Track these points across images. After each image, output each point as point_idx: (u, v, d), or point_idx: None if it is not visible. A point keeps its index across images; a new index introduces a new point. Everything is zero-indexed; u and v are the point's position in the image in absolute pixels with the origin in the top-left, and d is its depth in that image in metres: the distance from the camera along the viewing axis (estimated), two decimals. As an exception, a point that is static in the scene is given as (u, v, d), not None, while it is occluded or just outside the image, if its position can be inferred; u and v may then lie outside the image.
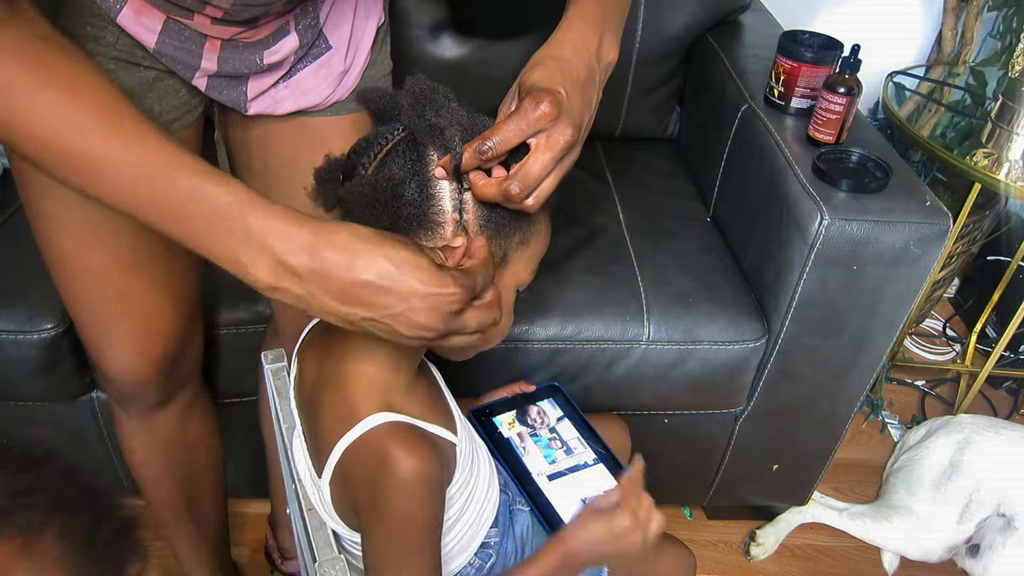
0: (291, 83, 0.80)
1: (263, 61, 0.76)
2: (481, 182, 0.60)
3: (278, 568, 1.32)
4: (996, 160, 1.34)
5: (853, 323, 1.05)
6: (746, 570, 1.40)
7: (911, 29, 1.77)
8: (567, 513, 0.86)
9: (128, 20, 0.67)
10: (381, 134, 0.62)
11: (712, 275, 1.16)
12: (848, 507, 1.45)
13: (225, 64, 0.74)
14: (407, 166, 0.61)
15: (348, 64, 0.82)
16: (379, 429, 0.64)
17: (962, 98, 1.62)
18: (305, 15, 0.76)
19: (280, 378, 0.83)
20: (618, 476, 0.90)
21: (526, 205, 0.60)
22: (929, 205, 0.99)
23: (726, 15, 1.45)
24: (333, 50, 0.80)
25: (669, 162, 1.47)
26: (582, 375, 1.11)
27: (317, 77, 0.81)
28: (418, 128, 0.60)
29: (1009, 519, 1.32)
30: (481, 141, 0.58)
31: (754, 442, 1.24)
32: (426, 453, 0.64)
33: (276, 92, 0.80)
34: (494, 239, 0.64)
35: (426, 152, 0.61)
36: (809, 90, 1.13)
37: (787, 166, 1.05)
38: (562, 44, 0.64)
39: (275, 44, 0.75)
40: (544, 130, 0.59)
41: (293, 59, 0.78)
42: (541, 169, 0.59)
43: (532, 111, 0.58)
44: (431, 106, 0.60)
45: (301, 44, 0.77)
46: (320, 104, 0.83)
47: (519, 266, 0.67)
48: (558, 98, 0.59)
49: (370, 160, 0.61)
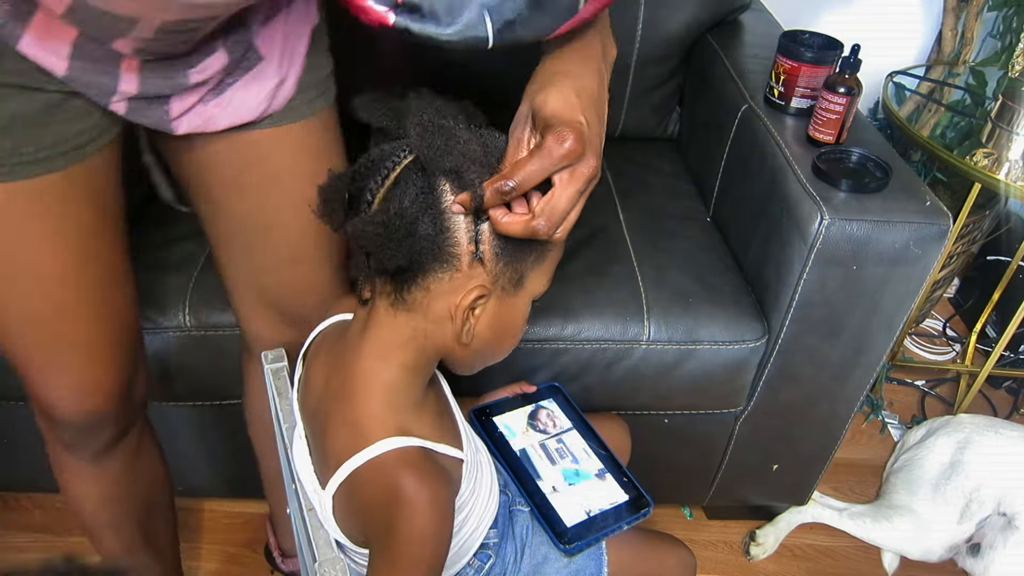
0: (222, 100, 0.73)
1: (189, 80, 0.69)
2: (505, 219, 0.59)
3: (278, 567, 1.32)
4: (996, 160, 1.34)
5: (853, 323, 1.05)
6: (746, 570, 1.40)
7: (911, 29, 1.77)
8: (569, 516, 0.86)
9: (31, 47, 0.60)
10: (387, 156, 0.61)
11: (712, 275, 1.16)
12: (848, 507, 1.45)
13: (147, 85, 0.67)
14: (419, 199, 0.59)
15: (284, 74, 0.76)
16: (391, 455, 0.64)
17: (962, 98, 1.62)
18: (234, 30, 0.70)
19: (280, 378, 0.83)
20: (623, 483, 0.90)
21: (556, 238, 0.60)
22: (929, 205, 0.99)
23: (726, 15, 1.45)
24: (265, 61, 0.73)
25: (669, 162, 1.47)
26: (582, 375, 1.11)
27: (250, 91, 0.74)
28: (429, 161, 0.58)
29: (1010, 518, 1.32)
30: (503, 181, 0.57)
31: (754, 442, 1.24)
32: (437, 482, 0.64)
33: (205, 110, 0.73)
34: (511, 264, 0.63)
35: (438, 182, 0.59)
36: (809, 90, 1.13)
37: (787, 166, 1.05)
38: (568, 55, 0.61)
39: (201, 63, 0.69)
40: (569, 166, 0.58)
41: (222, 74, 0.72)
42: (567, 204, 0.58)
43: (557, 149, 0.56)
44: (441, 135, 0.58)
45: (231, 60, 0.71)
46: (257, 117, 0.76)
47: (535, 281, 0.67)
48: (581, 131, 0.57)
49: (377, 185, 0.60)
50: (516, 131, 0.61)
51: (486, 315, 0.65)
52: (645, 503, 0.88)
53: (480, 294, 0.63)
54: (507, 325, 0.68)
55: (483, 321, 0.65)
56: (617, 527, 0.86)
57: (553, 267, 0.69)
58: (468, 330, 0.64)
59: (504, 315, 0.66)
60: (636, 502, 0.88)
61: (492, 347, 0.69)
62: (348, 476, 0.65)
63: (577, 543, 0.83)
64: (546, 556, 0.87)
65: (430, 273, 0.62)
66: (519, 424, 0.96)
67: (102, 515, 0.98)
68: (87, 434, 0.87)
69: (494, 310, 0.65)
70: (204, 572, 1.34)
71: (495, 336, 0.68)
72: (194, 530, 1.39)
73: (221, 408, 1.19)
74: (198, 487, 1.37)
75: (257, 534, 1.38)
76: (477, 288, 0.62)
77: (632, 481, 0.90)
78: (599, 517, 0.87)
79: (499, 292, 0.64)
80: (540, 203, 0.58)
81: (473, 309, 0.63)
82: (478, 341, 0.66)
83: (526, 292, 0.67)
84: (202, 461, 1.29)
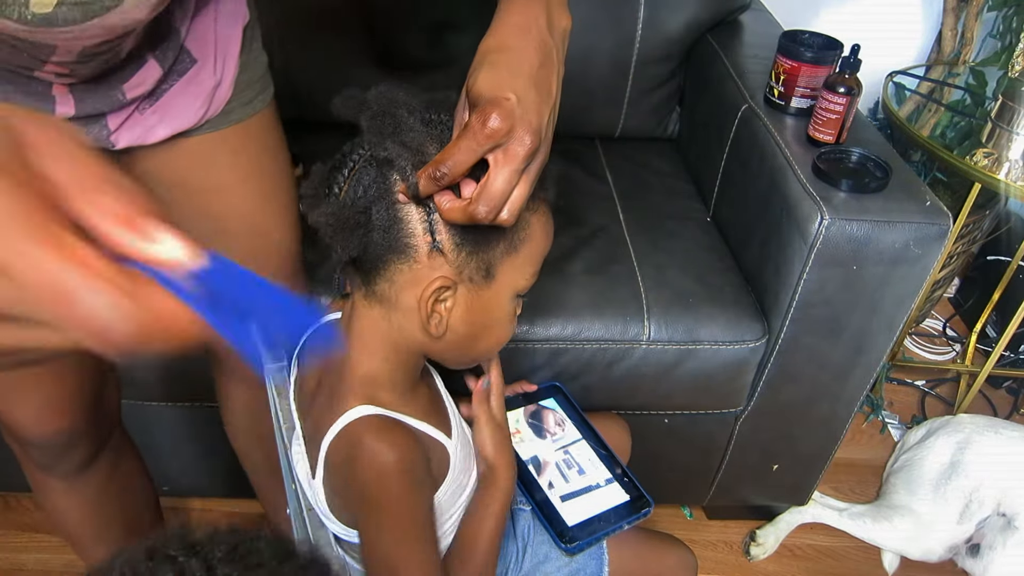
0: (159, 106, 0.70)
1: (125, 96, 0.66)
2: (447, 205, 0.57)
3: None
4: (996, 160, 1.34)
5: (853, 323, 1.05)
6: (746, 570, 1.40)
7: (911, 29, 1.77)
8: (570, 516, 0.86)
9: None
10: (354, 148, 0.61)
11: (712, 275, 1.16)
12: (848, 507, 1.45)
13: (83, 105, 0.65)
14: (371, 188, 0.59)
15: (219, 76, 0.73)
16: (357, 422, 0.64)
17: (962, 98, 1.62)
18: (162, 39, 0.68)
19: (280, 377, 0.83)
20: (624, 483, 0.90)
21: (501, 220, 0.56)
22: (929, 205, 0.99)
23: (726, 15, 1.45)
24: (199, 63, 0.71)
25: (669, 162, 1.47)
26: (582, 375, 1.11)
27: (187, 95, 0.71)
28: (375, 152, 0.58)
29: (1009, 519, 1.32)
30: (435, 168, 0.55)
31: (754, 442, 1.24)
32: (399, 440, 0.64)
33: (144, 119, 0.70)
34: (475, 254, 0.62)
35: (390, 172, 0.59)
36: (809, 90, 1.13)
37: (787, 166, 1.05)
38: (505, 30, 0.58)
39: (134, 76, 0.66)
40: (500, 144, 0.55)
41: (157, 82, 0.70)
42: (504, 185, 0.55)
43: (481, 129, 0.53)
44: (390, 123, 0.57)
45: (163, 68, 0.68)
46: (196, 123, 0.74)
47: (511, 275, 0.65)
48: (507, 107, 0.54)
49: (344, 177, 0.60)
50: (458, 115, 0.59)
51: (459, 308, 0.64)
52: (645, 503, 0.88)
53: (442, 284, 0.61)
54: (485, 320, 0.66)
55: (456, 314, 0.64)
56: (618, 527, 0.86)
57: (535, 259, 0.67)
58: (439, 322, 0.63)
59: (479, 309, 0.65)
60: (636, 502, 0.88)
61: (470, 342, 0.68)
62: (326, 452, 0.65)
63: (578, 542, 0.83)
64: (547, 555, 0.87)
65: (391, 264, 0.61)
66: (522, 425, 0.96)
67: (84, 530, 0.96)
68: (60, 454, 0.85)
69: (467, 303, 0.64)
70: (204, 572, 1.34)
71: (471, 331, 0.66)
72: (194, 530, 1.39)
73: (214, 408, 1.19)
74: (192, 487, 1.37)
75: (257, 534, 1.38)
76: (439, 279, 0.61)
77: (633, 481, 0.90)
78: (600, 517, 0.87)
79: (467, 283, 0.63)
80: (476, 187, 0.56)
81: (440, 301, 0.63)
82: (452, 334, 0.65)
83: (501, 285, 0.65)
84: (196, 461, 1.29)
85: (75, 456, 0.86)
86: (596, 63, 1.42)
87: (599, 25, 1.40)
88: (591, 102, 1.46)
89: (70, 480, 0.89)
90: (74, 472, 0.88)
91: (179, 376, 1.12)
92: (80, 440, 0.85)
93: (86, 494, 0.92)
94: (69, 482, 0.89)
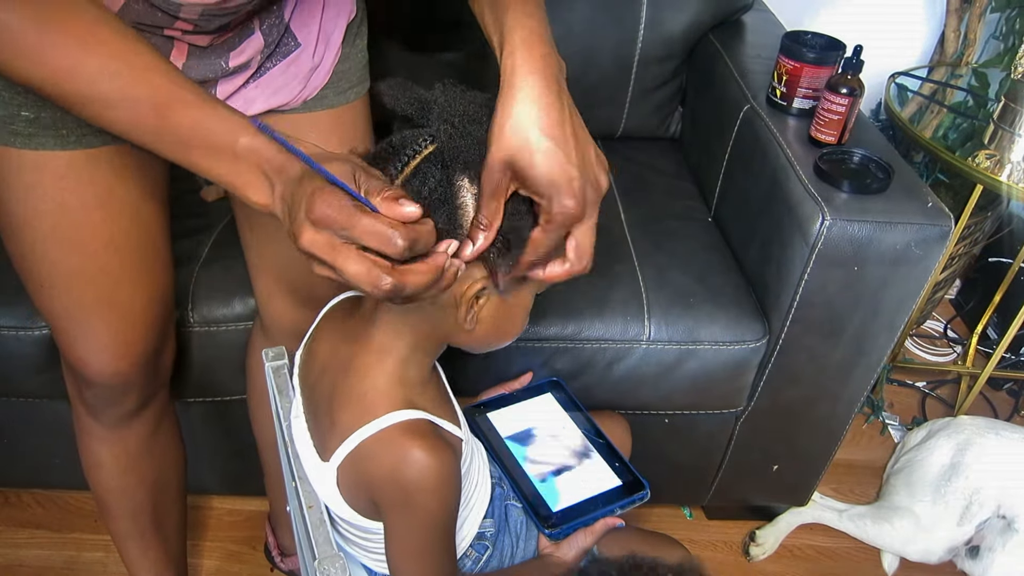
0: (260, 82, 0.78)
1: (228, 64, 0.74)
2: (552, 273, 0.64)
3: (277, 566, 1.32)
4: (998, 162, 1.34)
5: (854, 324, 1.05)
6: (746, 570, 1.40)
7: (914, 30, 1.77)
8: (556, 502, 0.86)
9: None
10: (408, 143, 0.60)
11: (713, 275, 1.16)
12: (848, 508, 1.45)
13: (191, 71, 0.72)
14: (437, 191, 0.59)
15: (317, 61, 0.81)
16: (400, 426, 0.66)
17: (964, 99, 1.61)
18: (269, 14, 0.75)
19: (281, 376, 0.84)
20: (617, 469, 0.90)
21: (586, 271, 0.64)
22: (931, 206, 0.99)
23: (728, 15, 1.45)
24: (302, 47, 0.79)
25: (671, 162, 1.47)
26: (582, 374, 1.11)
27: (287, 75, 0.79)
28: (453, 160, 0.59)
29: (1009, 521, 1.32)
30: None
31: (754, 442, 1.24)
32: (446, 452, 0.66)
33: (246, 92, 0.78)
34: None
35: (456, 177, 0.59)
36: (811, 90, 1.13)
37: (789, 166, 1.05)
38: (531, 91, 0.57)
39: (239, 45, 0.74)
40: None
41: (260, 58, 0.77)
42: (592, 239, 0.62)
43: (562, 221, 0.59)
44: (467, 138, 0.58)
45: (266, 43, 0.76)
46: (291, 103, 0.81)
47: None
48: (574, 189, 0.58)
49: (397, 171, 0.60)
50: (494, 176, 0.58)
51: (491, 304, 0.67)
52: (640, 487, 0.88)
53: (485, 285, 0.65)
54: (510, 314, 0.70)
55: (487, 310, 0.67)
56: (609, 510, 0.86)
57: None
58: (472, 317, 0.66)
59: (508, 305, 0.69)
60: (631, 487, 0.88)
61: (496, 333, 0.71)
62: (357, 447, 0.67)
63: (562, 527, 0.83)
64: (540, 550, 0.87)
65: None
66: (516, 424, 0.96)
67: (115, 482, 1.00)
68: (111, 397, 0.90)
69: (499, 300, 0.68)
70: (205, 569, 1.34)
71: (497, 324, 0.70)
72: (195, 527, 1.39)
73: (221, 405, 1.19)
74: (199, 484, 1.36)
75: (257, 532, 1.38)
76: (482, 280, 0.64)
77: (628, 468, 0.90)
78: (588, 502, 0.87)
79: None
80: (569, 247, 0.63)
81: (478, 298, 0.66)
82: (482, 328, 0.68)
83: (529, 285, 0.69)
84: (202, 458, 1.29)
85: (125, 403, 0.92)
86: (598, 62, 1.42)
87: (601, 25, 1.40)
88: (593, 101, 1.46)
89: (114, 429, 0.94)
90: (119, 421, 0.93)
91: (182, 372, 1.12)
92: (132, 388, 0.90)
93: (126, 446, 0.97)
94: (110, 431, 0.95)
